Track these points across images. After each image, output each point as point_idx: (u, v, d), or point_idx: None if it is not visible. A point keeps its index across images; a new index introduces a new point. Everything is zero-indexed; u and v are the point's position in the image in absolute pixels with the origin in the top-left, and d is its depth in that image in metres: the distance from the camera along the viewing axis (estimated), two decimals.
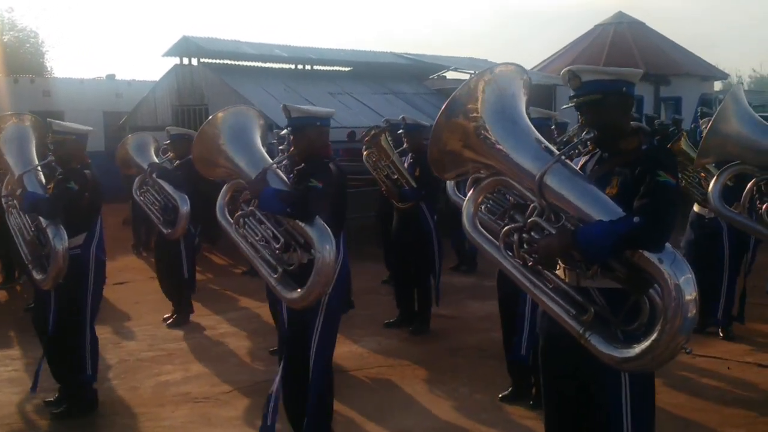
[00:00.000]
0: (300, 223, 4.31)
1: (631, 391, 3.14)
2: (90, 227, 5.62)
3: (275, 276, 4.41)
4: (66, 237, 5.25)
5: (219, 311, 8.78)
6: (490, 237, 3.43)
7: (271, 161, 4.65)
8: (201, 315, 8.59)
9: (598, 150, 3.36)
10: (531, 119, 3.38)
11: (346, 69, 18.02)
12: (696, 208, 7.11)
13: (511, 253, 3.29)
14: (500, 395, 5.65)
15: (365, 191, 10.81)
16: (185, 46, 15.30)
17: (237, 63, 16.18)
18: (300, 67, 17.20)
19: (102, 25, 74.12)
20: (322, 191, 4.37)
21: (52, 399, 5.69)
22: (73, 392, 5.60)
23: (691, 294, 2.82)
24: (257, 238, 4.53)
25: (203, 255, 12.19)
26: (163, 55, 15.62)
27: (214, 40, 16.04)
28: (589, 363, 3.07)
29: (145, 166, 7.95)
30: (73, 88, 20.50)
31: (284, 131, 4.72)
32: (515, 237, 3.26)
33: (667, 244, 2.90)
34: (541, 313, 3.42)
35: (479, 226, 3.50)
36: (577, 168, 3.33)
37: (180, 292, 8.25)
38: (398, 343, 7.27)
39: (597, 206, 3.02)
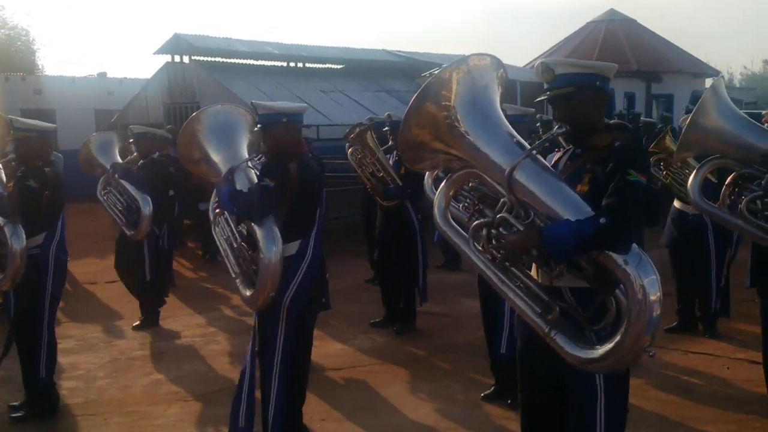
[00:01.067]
0: (252, 224, 4.33)
1: (605, 393, 3.11)
2: (50, 227, 5.48)
3: (235, 274, 4.51)
4: (24, 236, 5.17)
5: (211, 309, 8.77)
6: (462, 231, 3.38)
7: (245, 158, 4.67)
8: (193, 313, 8.58)
9: (572, 146, 3.32)
10: (506, 116, 3.34)
11: (339, 67, 17.99)
12: (677, 204, 7.07)
13: (479, 249, 3.24)
14: (482, 394, 5.66)
15: (355, 189, 10.78)
16: (177, 44, 15.26)
17: (229, 61, 16.13)
18: (292, 64, 17.17)
19: (93, 23, 73.98)
20: (271, 191, 4.31)
21: (16, 403, 5.59)
22: (31, 394, 5.50)
23: (655, 295, 2.79)
24: (224, 237, 4.61)
25: (197, 254, 12.19)
26: (155, 53, 15.59)
27: (206, 37, 16.01)
28: (564, 365, 3.03)
29: (108, 167, 7.75)
30: (65, 86, 20.46)
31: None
32: (483, 232, 3.21)
33: (634, 245, 2.86)
34: (517, 316, 3.35)
35: (451, 220, 3.45)
36: (551, 164, 3.30)
37: (144, 295, 8.13)
38: (388, 342, 7.27)
39: (565, 204, 2.99)
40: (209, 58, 15.83)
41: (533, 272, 3.16)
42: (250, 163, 4.71)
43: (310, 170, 4.64)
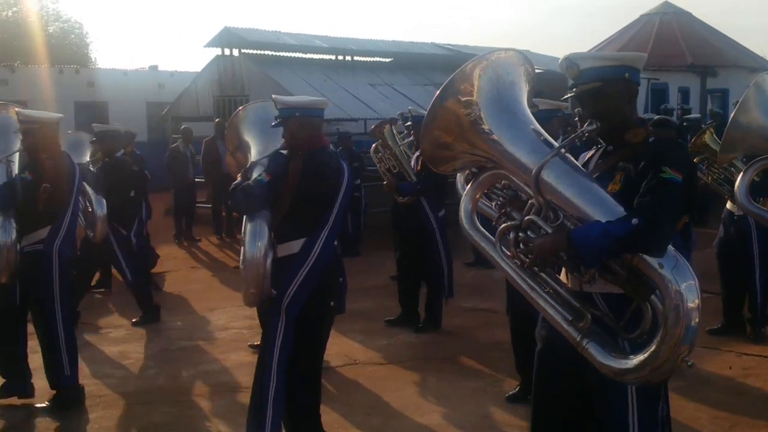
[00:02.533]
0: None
1: (638, 407, 2.92)
2: (54, 221, 5.37)
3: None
4: (12, 230, 5.13)
5: None
6: (489, 235, 3.24)
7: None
8: (240, 305, 8.60)
9: (603, 143, 3.16)
10: (538, 111, 3.21)
11: (387, 60, 17.98)
12: (728, 205, 6.89)
13: (507, 253, 3.10)
14: (507, 394, 5.53)
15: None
16: (227, 37, 15.39)
17: (278, 54, 16.24)
18: (340, 58, 17.21)
19: (145, 16, 75.09)
20: (265, 185, 4.23)
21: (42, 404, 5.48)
22: (58, 390, 5.45)
23: (693, 302, 2.63)
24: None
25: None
26: (205, 46, 15.75)
27: (256, 31, 16.12)
28: (593, 375, 2.87)
29: None
30: (117, 78, 20.82)
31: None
32: (511, 236, 3.07)
33: (670, 247, 2.70)
34: (540, 319, 3.21)
35: (477, 224, 3.31)
36: (583, 163, 3.16)
37: (137, 294, 7.95)
38: (411, 341, 7.20)
39: (595, 205, 2.83)
40: (259, 52, 15.95)
41: (563, 277, 3.03)
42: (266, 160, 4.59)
43: (318, 168, 4.36)
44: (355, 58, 17.42)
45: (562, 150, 2.93)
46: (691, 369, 2.74)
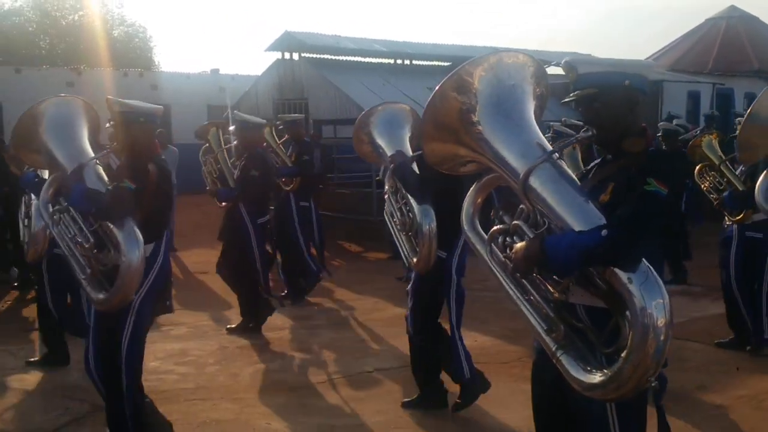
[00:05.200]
0: (110, 225, 4.17)
1: (619, 423, 2.84)
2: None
3: (84, 276, 4.28)
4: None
5: (315, 303, 8.88)
6: (485, 237, 3.20)
7: (91, 155, 4.50)
8: (298, 306, 8.71)
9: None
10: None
11: (446, 64, 17.91)
12: (728, 219, 6.67)
13: (495, 257, 3.07)
14: None
15: None
16: (287, 41, 15.53)
17: (337, 58, 16.31)
18: (399, 61, 17.22)
19: (207, 20, 76.27)
20: (131, 192, 4.19)
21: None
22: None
23: (662, 320, 2.54)
24: (70, 236, 4.37)
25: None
26: (266, 50, 15.90)
27: (316, 35, 16.23)
28: (572, 387, 2.79)
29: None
30: (180, 82, 21.17)
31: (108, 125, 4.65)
32: (499, 240, 3.04)
33: (643, 262, 2.61)
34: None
35: (477, 226, 3.30)
36: (586, 171, 3.10)
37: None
38: (492, 341, 7.16)
39: (575, 213, 2.76)
40: (318, 56, 16.04)
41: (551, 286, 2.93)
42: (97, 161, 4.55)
43: (167, 172, 4.52)
44: (414, 61, 17.41)
45: (554, 155, 2.88)
46: (653, 389, 2.61)
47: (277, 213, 9.23)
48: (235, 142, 7.78)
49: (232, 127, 7.91)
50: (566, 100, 3.07)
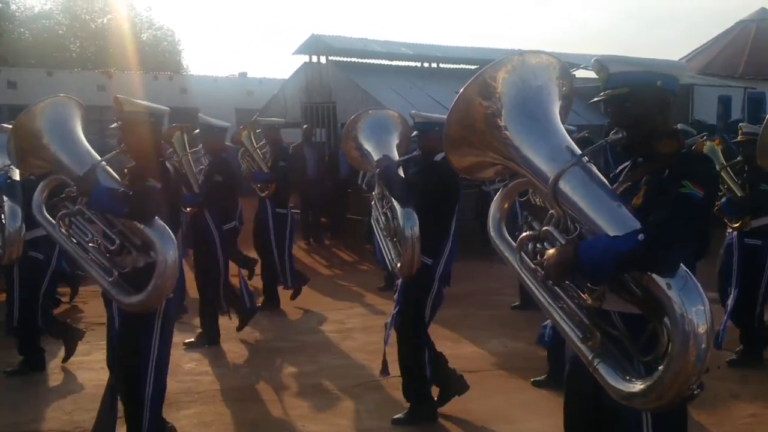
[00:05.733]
0: (138, 225, 4.10)
1: (654, 426, 2.79)
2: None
3: (110, 279, 4.17)
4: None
5: (346, 307, 8.95)
6: (513, 244, 3.16)
7: (98, 157, 4.40)
8: (329, 310, 8.78)
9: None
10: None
11: (472, 67, 17.90)
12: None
13: (525, 265, 3.02)
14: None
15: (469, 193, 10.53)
16: (314, 44, 15.61)
17: (364, 61, 16.36)
18: (426, 65, 17.25)
19: (235, 24, 76.79)
20: (159, 191, 4.16)
21: None
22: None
23: (702, 327, 2.47)
24: (87, 239, 4.29)
25: (332, 251, 12.49)
26: (293, 53, 15.99)
27: (343, 38, 16.29)
28: (610, 397, 2.74)
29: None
30: (208, 85, 21.37)
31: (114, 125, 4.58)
32: (529, 247, 2.99)
33: (681, 267, 2.54)
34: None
35: (504, 232, 3.25)
36: (616, 173, 3.03)
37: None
38: (522, 346, 7.17)
39: (609, 218, 2.68)
40: (345, 59, 16.11)
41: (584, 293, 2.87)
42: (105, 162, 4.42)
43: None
44: (441, 65, 17.43)
45: (584, 159, 2.81)
46: (695, 397, 2.61)
47: (255, 219, 9.18)
48: (199, 147, 7.76)
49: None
50: (596, 99, 3.01)
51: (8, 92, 18.41)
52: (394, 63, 17.06)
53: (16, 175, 6.10)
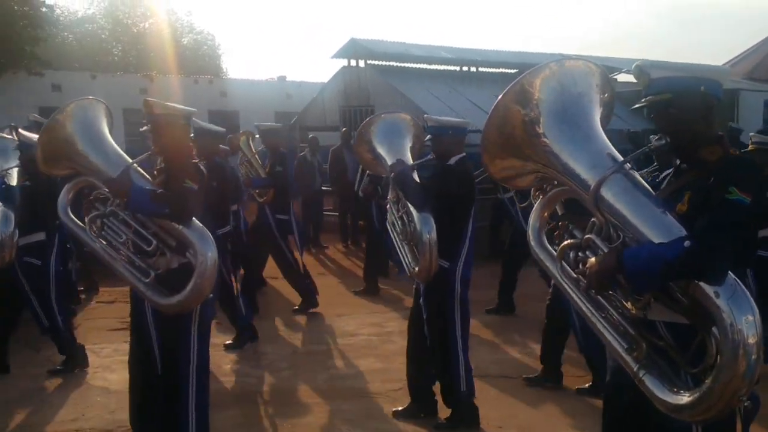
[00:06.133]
0: (175, 226, 4.09)
1: None
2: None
3: (146, 280, 4.14)
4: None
5: (385, 310, 8.93)
6: (554, 253, 3.11)
7: (128, 159, 4.38)
8: (369, 313, 8.77)
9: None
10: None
11: (513, 71, 17.81)
12: None
13: (566, 274, 2.98)
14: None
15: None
16: (353, 48, 15.65)
17: (403, 65, 16.36)
18: (465, 69, 17.18)
19: (275, 28, 77.48)
20: (197, 193, 4.16)
21: None
22: None
23: (753, 336, 2.42)
24: (121, 240, 4.26)
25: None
26: (332, 57, 16.05)
27: (382, 42, 16.32)
28: (657, 410, 2.68)
29: None
30: (247, 89, 21.58)
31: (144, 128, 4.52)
32: (571, 255, 2.94)
33: (729, 275, 2.48)
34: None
35: (544, 241, 3.20)
36: (659, 181, 2.98)
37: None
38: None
39: (653, 225, 2.64)
40: (384, 63, 16.12)
41: (628, 303, 2.82)
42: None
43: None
44: (480, 69, 17.36)
45: (626, 166, 2.78)
46: (746, 409, 2.53)
47: (253, 227, 9.10)
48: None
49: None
50: (637, 105, 2.97)
51: (53, 95, 18.75)
52: (434, 67, 17.02)
53: (13, 180, 6.18)
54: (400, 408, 5.48)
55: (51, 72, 19.81)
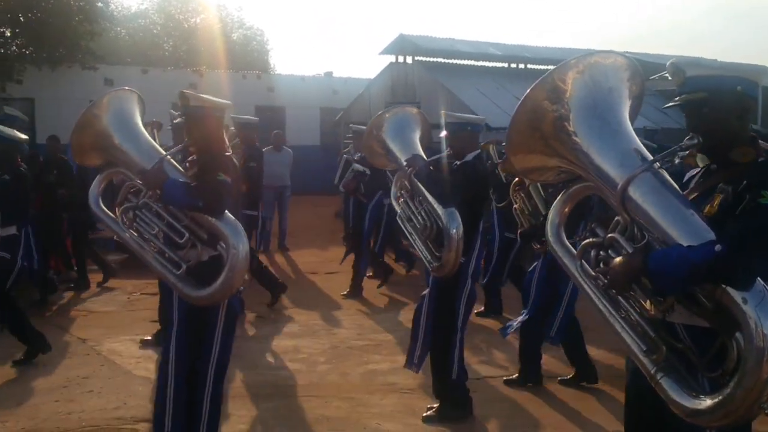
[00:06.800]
0: (209, 218, 4.06)
1: None
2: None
3: (178, 273, 4.14)
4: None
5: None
6: (573, 250, 3.06)
7: (162, 151, 4.36)
8: (407, 309, 8.75)
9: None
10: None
11: None
12: None
13: (585, 272, 2.93)
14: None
15: None
16: (401, 45, 15.67)
17: (450, 61, 16.34)
18: (513, 65, 17.08)
19: (322, 24, 77.78)
20: (229, 186, 4.13)
21: None
22: None
23: None
24: (153, 232, 4.25)
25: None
26: (380, 53, 16.13)
27: (430, 38, 16.30)
28: (673, 413, 2.62)
29: None
30: (294, 84, 21.70)
31: (178, 120, 4.40)
32: (592, 254, 2.88)
33: (758, 281, 2.43)
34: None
35: (563, 237, 3.14)
36: (685, 181, 2.90)
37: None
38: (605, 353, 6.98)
39: (681, 227, 2.59)
40: (432, 59, 16.10)
41: (648, 304, 2.77)
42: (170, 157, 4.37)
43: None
44: (529, 66, 17.23)
45: (655, 165, 2.72)
46: None
47: None
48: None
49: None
50: (670, 104, 2.90)
51: (105, 89, 19.03)
52: (481, 63, 16.97)
53: None
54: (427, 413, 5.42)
55: (104, 66, 20.17)
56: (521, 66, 17.05)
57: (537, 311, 5.96)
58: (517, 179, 5.93)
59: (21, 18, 19.24)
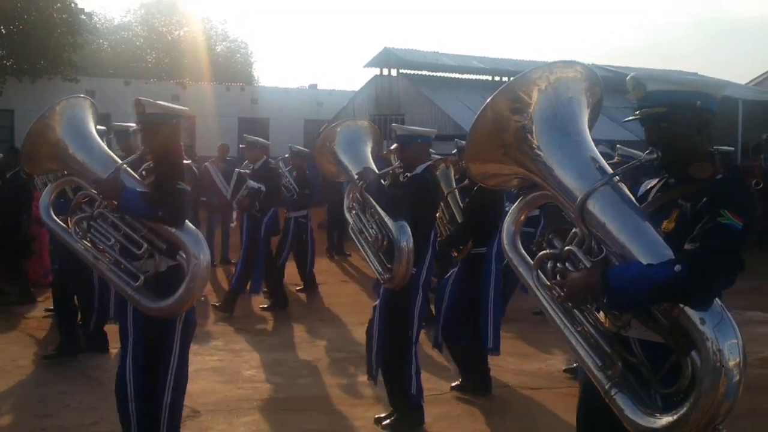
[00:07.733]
0: (167, 228, 3.97)
1: None
2: None
3: (135, 284, 4.02)
4: None
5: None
6: (529, 260, 3.03)
7: (117, 159, 4.25)
8: None
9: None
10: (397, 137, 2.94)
11: None
12: None
13: (541, 283, 2.90)
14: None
15: None
16: (386, 57, 15.68)
17: (435, 74, 16.38)
18: (497, 78, 17.12)
19: (307, 37, 78.02)
20: (188, 194, 4.07)
21: None
22: None
23: (734, 362, 2.37)
24: (109, 243, 4.11)
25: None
26: (365, 66, 16.11)
27: (414, 51, 16.32)
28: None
29: None
30: (279, 96, 21.67)
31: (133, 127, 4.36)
32: (549, 265, 2.85)
33: (716, 301, 2.44)
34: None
35: (519, 246, 3.12)
36: (643, 193, 2.87)
37: None
38: None
39: (640, 243, 2.56)
40: (416, 72, 16.12)
41: (602, 316, 2.74)
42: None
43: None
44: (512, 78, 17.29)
45: (615, 179, 2.69)
46: None
47: None
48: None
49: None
50: (630, 118, 2.86)
51: None
52: (466, 76, 16.99)
53: None
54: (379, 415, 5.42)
55: (85, 78, 20.06)
56: (505, 79, 17.07)
57: (449, 315, 6.07)
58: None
59: (2, 30, 19.10)
